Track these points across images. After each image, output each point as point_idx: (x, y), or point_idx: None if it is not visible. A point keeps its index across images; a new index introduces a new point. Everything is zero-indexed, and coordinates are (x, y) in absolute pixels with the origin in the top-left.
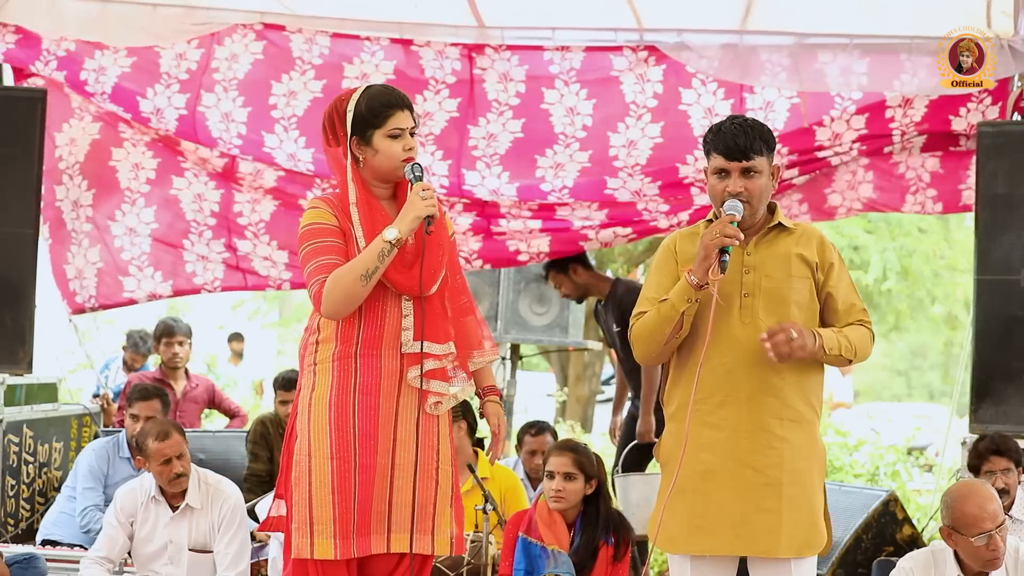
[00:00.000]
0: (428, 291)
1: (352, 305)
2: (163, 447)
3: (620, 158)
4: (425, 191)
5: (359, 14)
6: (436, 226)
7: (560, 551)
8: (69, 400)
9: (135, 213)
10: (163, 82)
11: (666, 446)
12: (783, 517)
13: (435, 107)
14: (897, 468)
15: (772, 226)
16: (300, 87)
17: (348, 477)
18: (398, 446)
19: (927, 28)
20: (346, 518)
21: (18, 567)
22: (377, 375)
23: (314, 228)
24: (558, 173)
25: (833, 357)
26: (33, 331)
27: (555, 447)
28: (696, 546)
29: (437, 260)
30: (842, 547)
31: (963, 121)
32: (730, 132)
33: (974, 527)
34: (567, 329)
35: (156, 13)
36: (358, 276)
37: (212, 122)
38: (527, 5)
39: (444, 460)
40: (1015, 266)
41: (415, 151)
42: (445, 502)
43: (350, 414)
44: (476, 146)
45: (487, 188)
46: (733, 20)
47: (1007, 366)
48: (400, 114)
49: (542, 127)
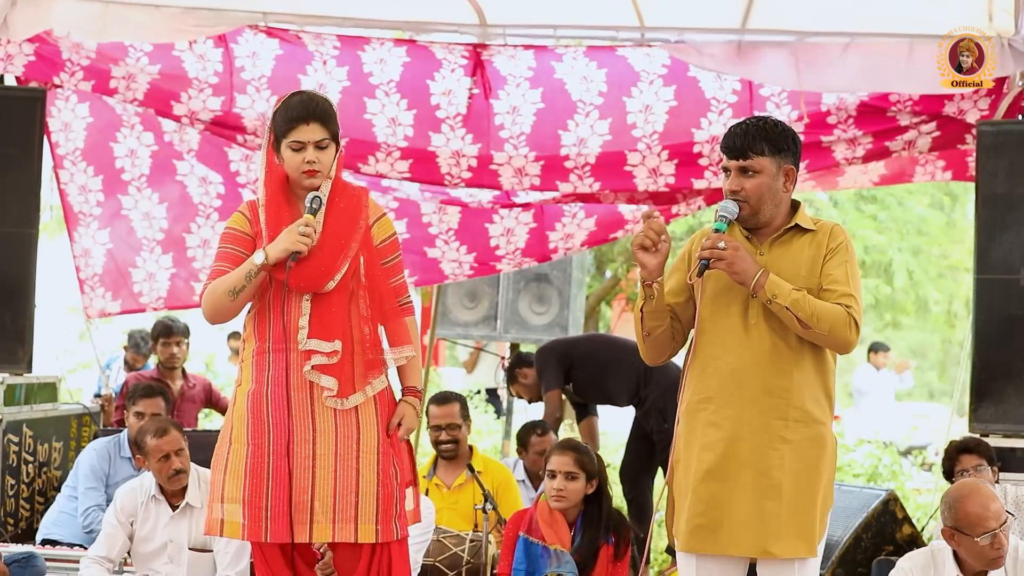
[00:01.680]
0: (320, 289)
1: (222, 315)
2: (161, 443)
3: (639, 125)
4: (306, 227)
5: (362, 13)
6: (347, 227)
7: (562, 551)
8: (69, 400)
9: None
10: (195, 87)
11: (676, 447)
12: (784, 519)
13: (455, 84)
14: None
15: (789, 227)
16: (326, 78)
17: (261, 463)
18: (318, 437)
19: (927, 28)
20: (256, 502)
21: (16, 566)
22: (285, 369)
23: (225, 233)
24: (581, 151)
25: (780, 309)
26: (33, 331)
27: (556, 446)
28: (700, 545)
29: (333, 261)
30: (842, 547)
31: (954, 105)
32: (733, 131)
33: (978, 527)
34: (567, 329)
35: (158, 12)
36: (226, 291)
37: (248, 120)
38: (530, 3)
39: (367, 450)
40: (1015, 266)
41: (319, 163)
42: (370, 491)
43: (264, 404)
44: (503, 124)
45: (513, 167)
46: (735, 19)
47: (1007, 366)
48: (304, 127)
49: (560, 97)
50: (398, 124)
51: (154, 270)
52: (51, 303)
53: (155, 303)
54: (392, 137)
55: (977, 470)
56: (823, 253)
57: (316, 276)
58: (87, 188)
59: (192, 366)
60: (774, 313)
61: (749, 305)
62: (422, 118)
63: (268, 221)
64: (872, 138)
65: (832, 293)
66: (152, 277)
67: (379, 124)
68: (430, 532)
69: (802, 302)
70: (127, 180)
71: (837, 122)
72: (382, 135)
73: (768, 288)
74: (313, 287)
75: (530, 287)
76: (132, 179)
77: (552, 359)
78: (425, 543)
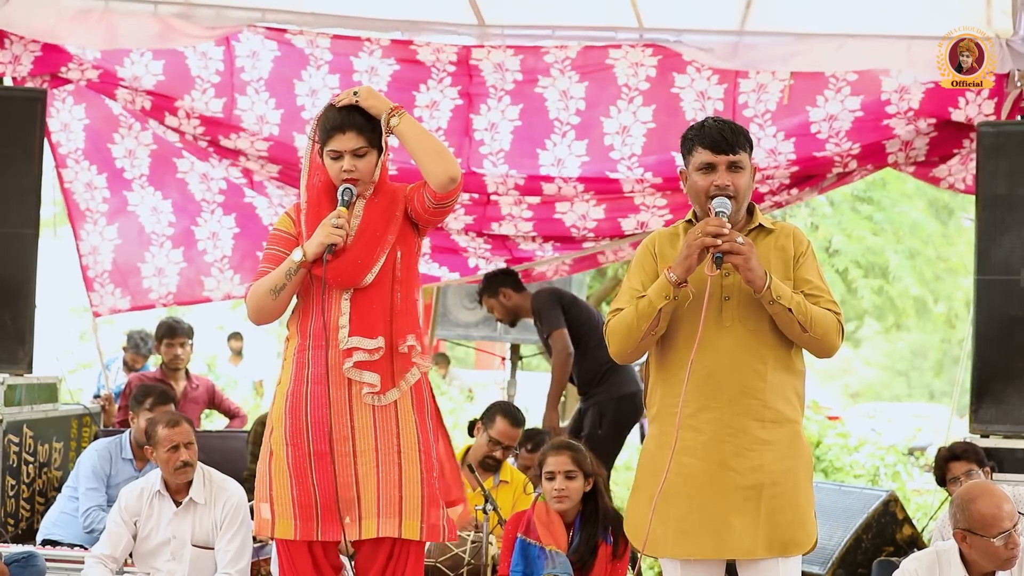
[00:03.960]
0: (358, 284)
1: (265, 314)
2: (172, 433)
3: (616, 147)
4: (338, 218)
5: (360, 12)
6: (383, 220)
7: (558, 552)
8: (69, 400)
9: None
10: (198, 87)
11: (647, 449)
12: (763, 518)
13: (439, 95)
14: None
15: (752, 228)
16: (320, 84)
17: (303, 463)
18: (357, 433)
19: (927, 28)
20: (306, 501)
21: (16, 566)
22: (325, 366)
23: (271, 235)
24: (560, 170)
25: (784, 310)
26: (33, 331)
27: (551, 447)
28: (682, 551)
29: (369, 254)
30: (842, 547)
31: (962, 113)
32: (715, 127)
33: (993, 527)
34: None
35: (158, 13)
36: (267, 290)
37: (247, 123)
38: (528, 3)
39: (407, 446)
40: (1015, 266)
41: (358, 171)
42: (413, 487)
43: (303, 403)
44: (483, 141)
45: (497, 173)
46: (733, 20)
47: (1007, 366)
48: (340, 137)
49: (538, 115)
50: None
51: (163, 265)
52: (51, 303)
53: (164, 299)
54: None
55: (968, 475)
56: (791, 256)
57: (353, 270)
58: (92, 185)
59: (194, 367)
60: (753, 315)
61: (723, 308)
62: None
63: (308, 223)
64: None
65: (816, 299)
66: (161, 272)
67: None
68: None
69: (803, 305)
70: (129, 179)
71: (828, 136)
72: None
73: (774, 288)
74: (350, 282)
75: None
76: (133, 178)
77: (553, 300)
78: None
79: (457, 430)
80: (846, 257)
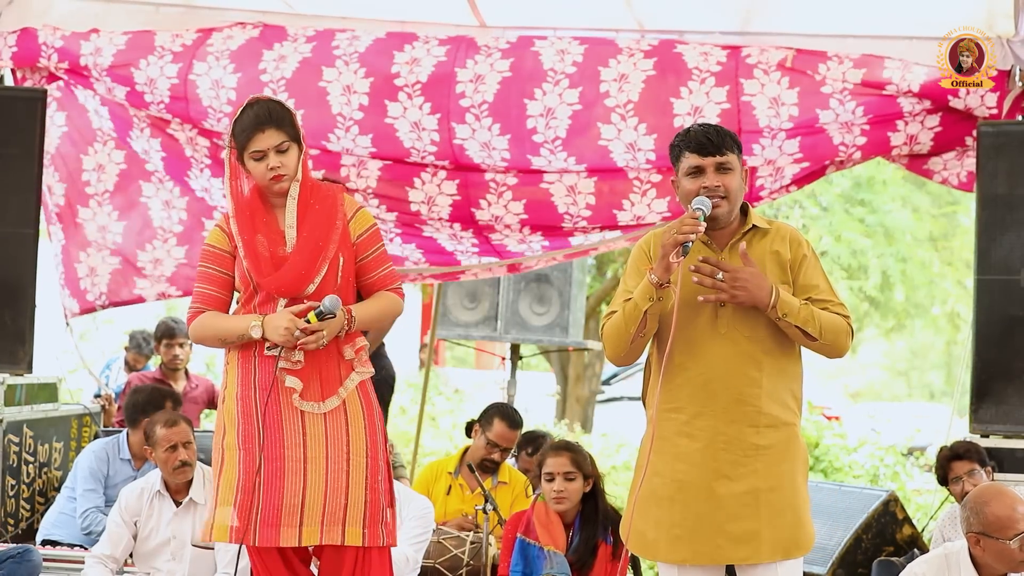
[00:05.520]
0: (299, 294)
1: (210, 347)
2: (170, 433)
3: (612, 94)
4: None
5: (359, 12)
6: (324, 229)
7: (557, 552)
8: (69, 400)
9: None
10: (156, 53)
11: (643, 451)
12: (762, 522)
13: (423, 53)
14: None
15: (747, 230)
16: (291, 51)
17: (253, 467)
18: (308, 440)
19: (927, 28)
20: (246, 506)
21: (12, 562)
22: (272, 372)
23: (205, 251)
24: (549, 123)
25: (791, 326)
26: (33, 331)
27: (551, 448)
28: (677, 555)
29: (311, 265)
30: (842, 547)
31: (961, 102)
32: (700, 131)
33: (1009, 529)
34: (567, 329)
35: (158, 13)
36: (216, 338)
37: (203, 89)
38: (529, 5)
39: (356, 452)
40: (1015, 266)
41: (284, 167)
42: (358, 492)
43: (253, 408)
44: (464, 93)
45: (478, 141)
46: (733, 22)
47: (1007, 366)
48: (260, 136)
49: (530, 63)
50: (352, 92)
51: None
52: (51, 303)
53: (99, 300)
54: (347, 107)
55: (971, 475)
56: (790, 259)
57: (295, 281)
58: (52, 191)
59: (192, 367)
60: (749, 321)
61: (719, 315)
62: (378, 87)
63: (241, 230)
64: (870, 125)
65: (825, 304)
66: (94, 272)
67: (333, 93)
68: (430, 532)
69: (811, 319)
70: (90, 193)
71: (832, 92)
72: (336, 105)
73: (780, 307)
74: (291, 292)
75: (530, 288)
76: (95, 193)
77: None
78: (425, 543)
79: (456, 430)
80: (830, 260)
